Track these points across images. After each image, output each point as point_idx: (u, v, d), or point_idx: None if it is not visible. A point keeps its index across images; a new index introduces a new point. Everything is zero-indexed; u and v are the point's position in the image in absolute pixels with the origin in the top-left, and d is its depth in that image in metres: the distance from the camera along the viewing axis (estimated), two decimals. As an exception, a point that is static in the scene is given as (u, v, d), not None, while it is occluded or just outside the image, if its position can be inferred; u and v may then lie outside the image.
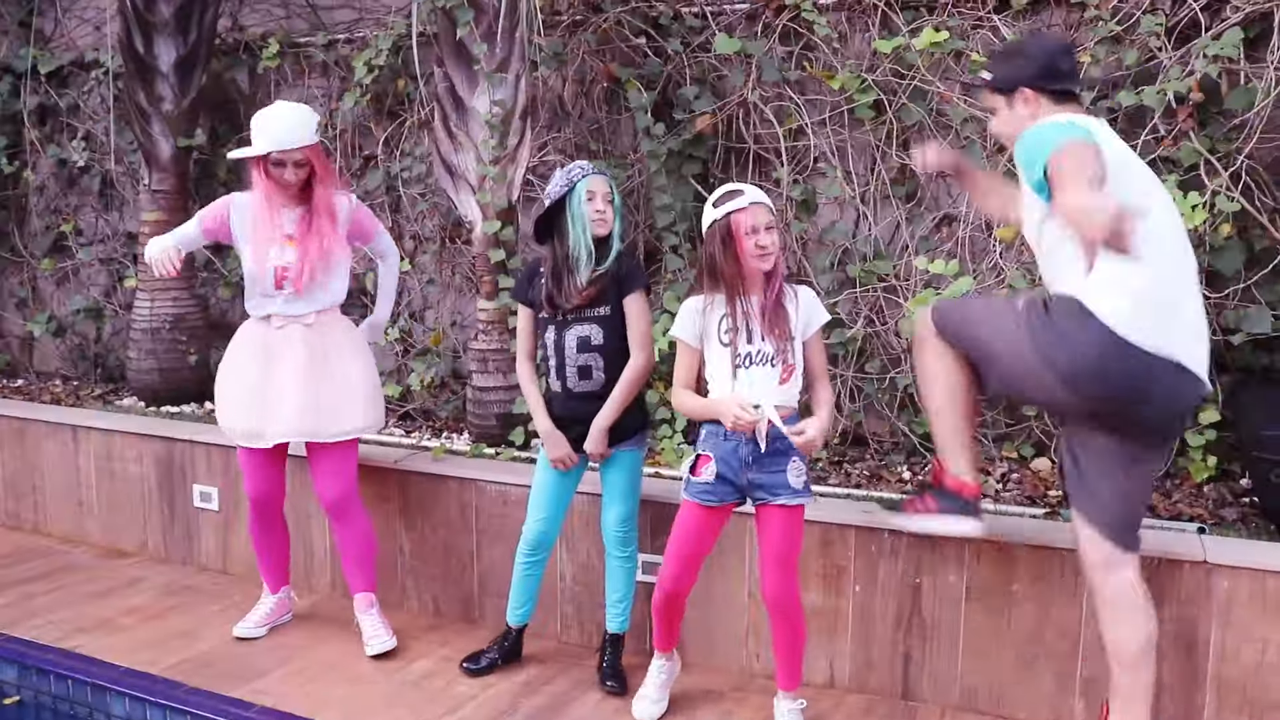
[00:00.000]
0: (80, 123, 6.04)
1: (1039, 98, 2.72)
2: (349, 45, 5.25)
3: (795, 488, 2.85)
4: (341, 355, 3.57)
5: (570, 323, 3.20)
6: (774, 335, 2.83)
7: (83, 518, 4.77)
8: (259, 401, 3.50)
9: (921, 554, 3.19)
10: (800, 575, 3.28)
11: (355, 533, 3.61)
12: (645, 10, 4.52)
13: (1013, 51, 2.88)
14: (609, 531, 3.33)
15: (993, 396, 3.03)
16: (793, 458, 2.84)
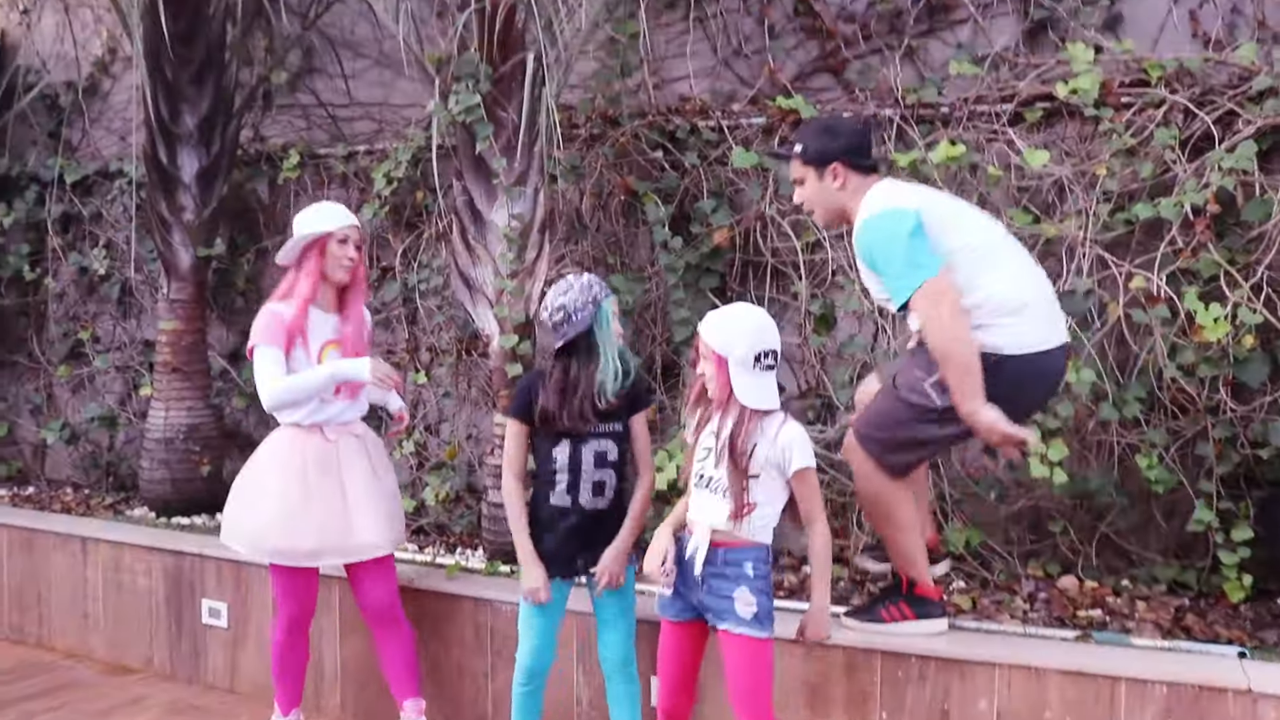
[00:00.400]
0: (102, 231, 6.11)
1: (848, 172, 3.09)
2: (369, 157, 5.31)
3: (742, 617, 2.70)
4: (385, 466, 3.61)
5: (587, 438, 3.13)
6: (730, 470, 2.73)
7: (88, 632, 4.68)
8: (334, 517, 3.42)
9: (950, 680, 3.08)
10: (823, 701, 3.20)
11: (402, 639, 3.54)
12: (662, 124, 4.56)
13: (825, 128, 3.17)
14: (609, 656, 3.21)
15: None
16: (741, 585, 2.71)
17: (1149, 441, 3.69)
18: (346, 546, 3.43)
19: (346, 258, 3.49)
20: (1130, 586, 3.73)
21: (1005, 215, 3.95)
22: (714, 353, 2.76)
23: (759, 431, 2.73)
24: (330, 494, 3.44)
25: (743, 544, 2.75)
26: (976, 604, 3.57)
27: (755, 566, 2.74)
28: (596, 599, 3.24)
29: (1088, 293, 3.74)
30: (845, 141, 3.11)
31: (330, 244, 3.48)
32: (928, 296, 2.87)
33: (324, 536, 3.41)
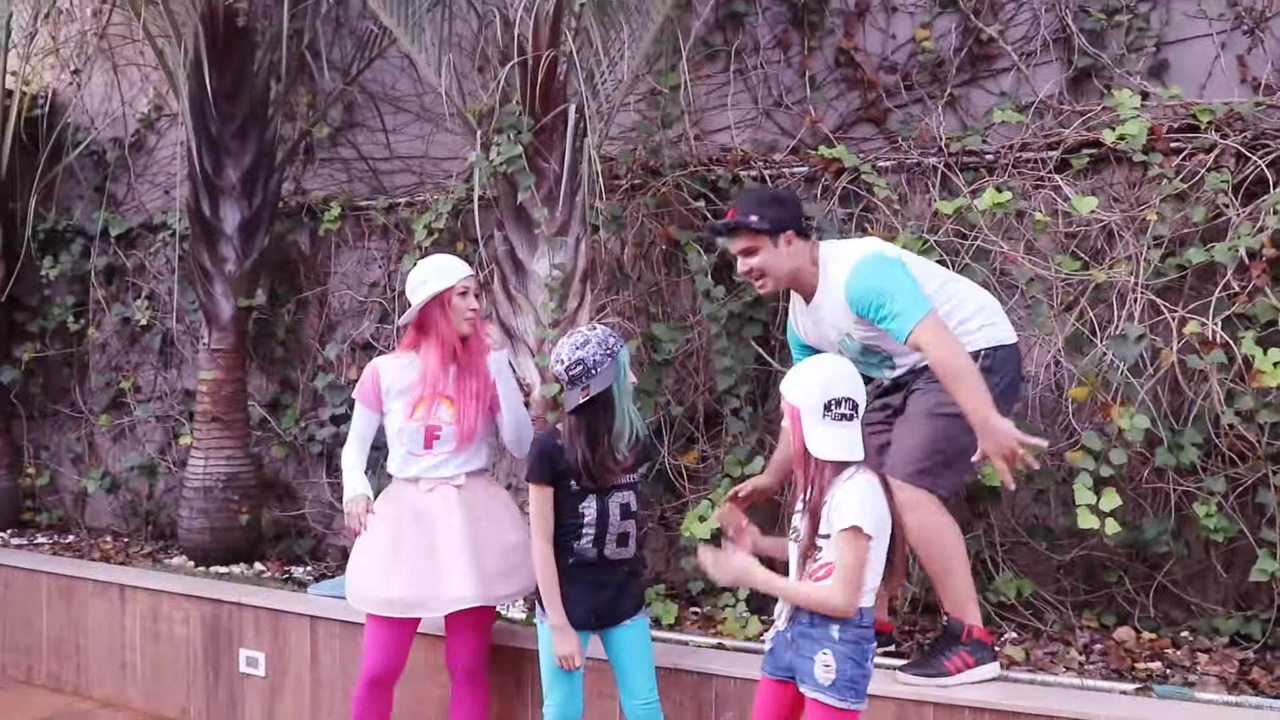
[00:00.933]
0: (145, 282, 6.16)
1: (796, 238, 3.30)
2: (409, 209, 5.33)
3: (820, 682, 2.57)
4: (495, 517, 3.51)
5: (612, 491, 3.14)
6: (806, 523, 2.63)
7: (125, 681, 4.64)
8: (421, 567, 3.37)
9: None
10: (876, 756, 3.10)
11: (479, 700, 3.49)
12: (704, 174, 4.55)
13: (774, 199, 3.38)
14: (632, 708, 3.15)
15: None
16: (825, 648, 2.58)
17: (1207, 489, 3.60)
18: (431, 599, 3.37)
19: (469, 309, 3.49)
20: (1190, 638, 3.61)
21: (1053, 261, 3.90)
22: (789, 405, 2.67)
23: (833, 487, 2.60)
24: (421, 546, 3.39)
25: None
26: (1029, 655, 3.47)
27: (842, 631, 2.59)
28: (614, 654, 3.20)
29: (1140, 338, 3.67)
30: (792, 210, 3.34)
31: (452, 297, 3.47)
32: (933, 327, 3.12)
33: (410, 587, 3.36)
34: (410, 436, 3.45)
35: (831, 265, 3.32)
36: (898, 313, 3.12)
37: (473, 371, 3.51)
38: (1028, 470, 3.09)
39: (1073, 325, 3.86)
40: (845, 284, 3.23)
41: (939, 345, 3.10)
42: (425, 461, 3.46)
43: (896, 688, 3.11)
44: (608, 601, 3.15)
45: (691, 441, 4.49)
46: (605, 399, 3.08)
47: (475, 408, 3.48)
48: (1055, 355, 3.91)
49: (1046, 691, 3.10)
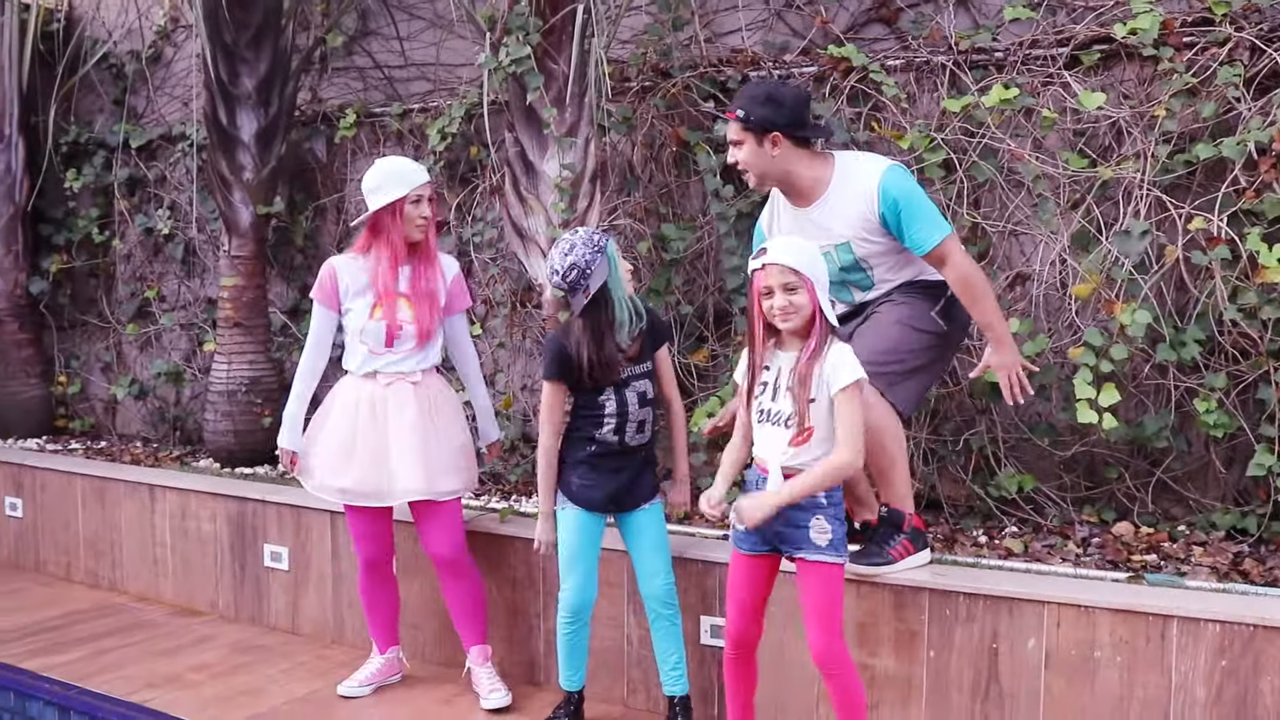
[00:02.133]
0: (166, 193, 6.24)
1: (785, 141, 3.23)
2: (423, 115, 5.35)
3: (818, 544, 2.76)
4: (445, 415, 3.63)
5: (629, 381, 3.26)
6: (792, 395, 2.76)
7: (157, 576, 4.82)
8: (377, 460, 3.50)
9: (998, 618, 3.06)
10: (872, 640, 3.21)
11: (469, 586, 3.62)
12: (713, 75, 4.53)
13: (768, 96, 3.25)
14: (652, 589, 3.30)
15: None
16: (817, 515, 2.76)
17: (1208, 386, 3.62)
18: (383, 491, 3.51)
19: (420, 217, 3.56)
20: (1187, 532, 3.67)
21: (1060, 159, 3.89)
22: (806, 279, 2.74)
23: (824, 355, 2.74)
24: (375, 438, 3.52)
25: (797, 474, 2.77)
26: (1028, 548, 3.54)
27: (829, 495, 2.77)
28: (631, 538, 3.32)
29: (1144, 233, 3.66)
30: (788, 114, 3.25)
31: (405, 207, 3.53)
32: (958, 244, 3.21)
33: (364, 478, 3.51)
34: (373, 335, 3.54)
35: (856, 171, 3.29)
36: (928, 222, 3.17)
37: (425, 273, 3.59)
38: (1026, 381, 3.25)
39: (1079, 222, 3.86)
40: (880, 185, 3.21)
41: (966, 262, 3.19)
42: (386, 359, 3.56)
43: (892, 575, 3.20)
44: (625, 486, 3.30)
45: (701, 340, 4.55)
46: (604, 293, 3.18)
47: (430, 306, 3.58)
48: (1060, 253, 3.92)
49: (1039, 579, 3.18)
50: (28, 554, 5.39)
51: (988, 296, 3.19)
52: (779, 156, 3.27)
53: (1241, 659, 2.78)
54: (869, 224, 3.26)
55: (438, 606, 3.94)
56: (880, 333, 3.28)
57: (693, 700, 3.42)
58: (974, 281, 3.18)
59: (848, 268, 3.37)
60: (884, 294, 3.40)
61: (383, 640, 3.77)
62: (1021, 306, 4.02)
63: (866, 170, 3.26)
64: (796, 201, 3.38)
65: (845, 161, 3.35)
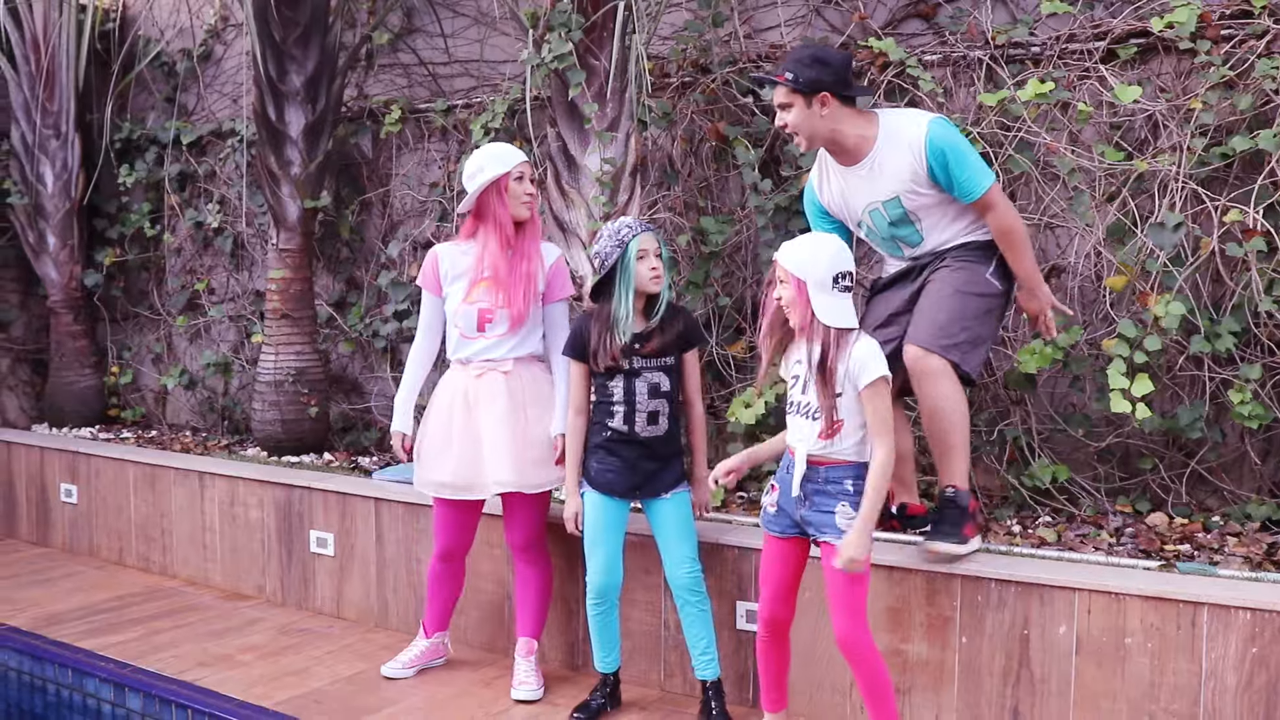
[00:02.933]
0: (216, 188, 6.39)
1: (833, 101, 3.30)
2: (467, 110, 5.45)
3: (843, 529, 2.84)
4: (540, 405, 3.63)
5: (641, 371, 3.37)
6: (820, 390, 2.84)
7: (206, 561, 4.97)
8: (468, 453, 3.58)
9: (1030, 604, 3.11)
10: (904, 626, 3.27)
11: (537, 576, 3.70)
12: (752, 70, 4.60)
13: (814, 58, 3.32)
14: (677, 577, 3.37)
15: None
16: (842, 501, 2.85)
17: (1243, 377, 3.64)
18: (475, 484, 3.58)
19: (525, 194, 3.61)
20: (1221, 524, 3.69)
21: (1096, 152, 3.92)
22: (793, 277, 2.84)
23: (846, 352, 2.82)
24: (468, 431, 3.59)
25: (841, 463, 2.87)
26: (1060, 537, 3.58)
27: (854, 483, 2.86)
28: (656, 526, 3.41)
29: (1178, 225, 3.69)
30: (834, 73, 3.32)
31: (509, 183, 3.59)
32: (1000, 191, 3.33)
33: (459, 472, 3.57)
34: (465, 319, 3.62)
35: (901, 126, 3.35)
36: (974, 169, 3.27)
37: (525, 254, 3.63)
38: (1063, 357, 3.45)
39: (1114, 215, 3.89)
40: (927, 136, 3.28)
41: (1009, 210, 3.33)
42: (478, 344, 3.62)
43: (924, 561, 3.26)
44: (647, 475, 3.39)
45: (739, 332, 4.62)
46: (612, 285, 3.32)
47: (526, 290, 3.59)
48: (1096, 245, 3.95)
49: (1071, 566, 3.22)
50: (82, 539, 5.56)
51: (1027, 246, 3.34)
52: (827, 116, 3.32)
53: (1273, 646, 2.82)
54: (917, 176, 3.32)
55: (481, 595, 4.05)
56: (941, 304, 3.32)
57: (728, 685, 3.50)
58: (1016, 229, 3.31)
59: (897, 222, 3.43)
60: (935, 256, 3.45)
61: (432, 624, 3.86)
62: (1056, 298, 4.04)
63: (912, 124, 3.34)
64: (844, 160, 3.43)
65: (890, 118, 3.41)
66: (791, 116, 3.34)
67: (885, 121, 3.39)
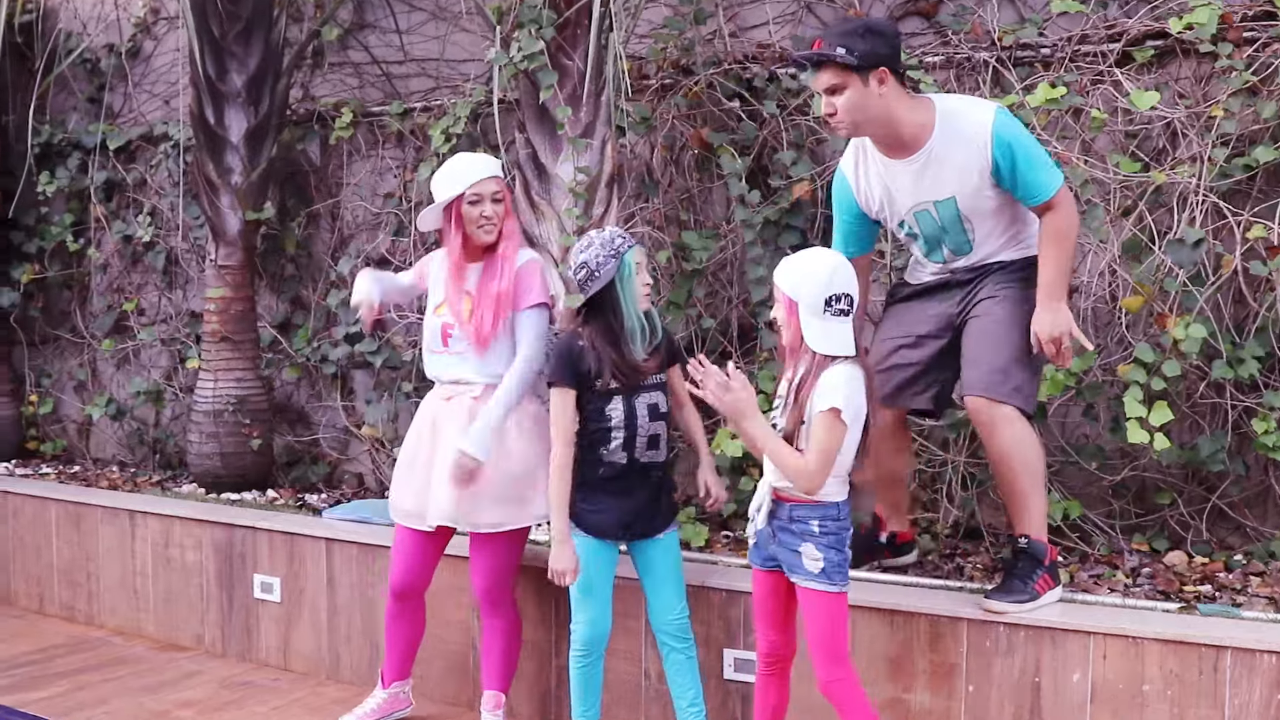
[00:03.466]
0: (146, 198, 6.45)
1: (891, 79, 3.20)
2: (426, 114, 5.55)
3: (810, 571, 2.93)
4: (508, 441, 3.65)
5: (640, 391, 3.43)
6: (789, 417, 2.96)
7: (138, 609, 5.01)
8: (422, 479, 3.70)
9: (1041, 650, 3.22)
10: (907, 674, 3.37)
11: (504, 625, 3.76)
12: (738, 72, 4.73)
13: (867, 28, 3.24)
14: (665, 623, 3.45)
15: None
16: (805, 541, 2.95)
17: (1267, 405, 3.78)
18: (423, 513, 3.69)
19: (481, 217, 3.69)
20: (1244, 562, 3.82)
21: (1110, 162, 4.06)
22: (785, 297, 2.96)
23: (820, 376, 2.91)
24: (426, 457, 3.70)
25: (801, 501, 2.96)
26: (1074, 578, 3.69)
27: (822, 524, 2.95)
28: (644, 568, 3.49)
29: (1198, 242, 3.83)
30: (891, 45, 3.24)
31: (461, 207, 3.70)
32: (1067, 192, 3.27)
33: (416, 497, 3.70)
34: (431, 332, 3.77)
35: (964, 116, 3.29)
36: (1044, 167, 3.24)
37: (498, 273, 3.70)
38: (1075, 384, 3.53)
39: (1130, 231, 4.03)
40: (994, 125, 3.22)
41: (1073, 213, 3.30)
42: (442, 360, 3.75)
43: (928, 604, 3.37)
44: (639, 511, 3.44)
45: (724, 356, 4.73)
46: (611, 300, 3.38)
47: (495, 310, 3.66)
48: (1110, 263, 4.09)
49: (1084, 609, 3.33)
50: (-3, 585, 5.60)
51: (1067, 255, 3.28)
52: (884, 96, 3.22)
53: (1297, 691, 2.94)
54: (982, 174, 3.28)
55: (446, 644, 4.12)
56: (999, 346, 3.33)
57: (715, 739, 3.59)
58: (1072, 235, 3.28)
59: (949, 226, 3.43)
60: (975, 273, 3.47)
61: (391, 672, 3.92)
62: (1069, 321, 4.18)
63: (976, 114, 3.27)
64: (894, 153, 3.36)
65: (949, 105, 3.33)
66: (846, 100, 3.21)
67: (944, 109, 3.30)
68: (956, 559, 4.02)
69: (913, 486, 4.24)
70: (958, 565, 3.94)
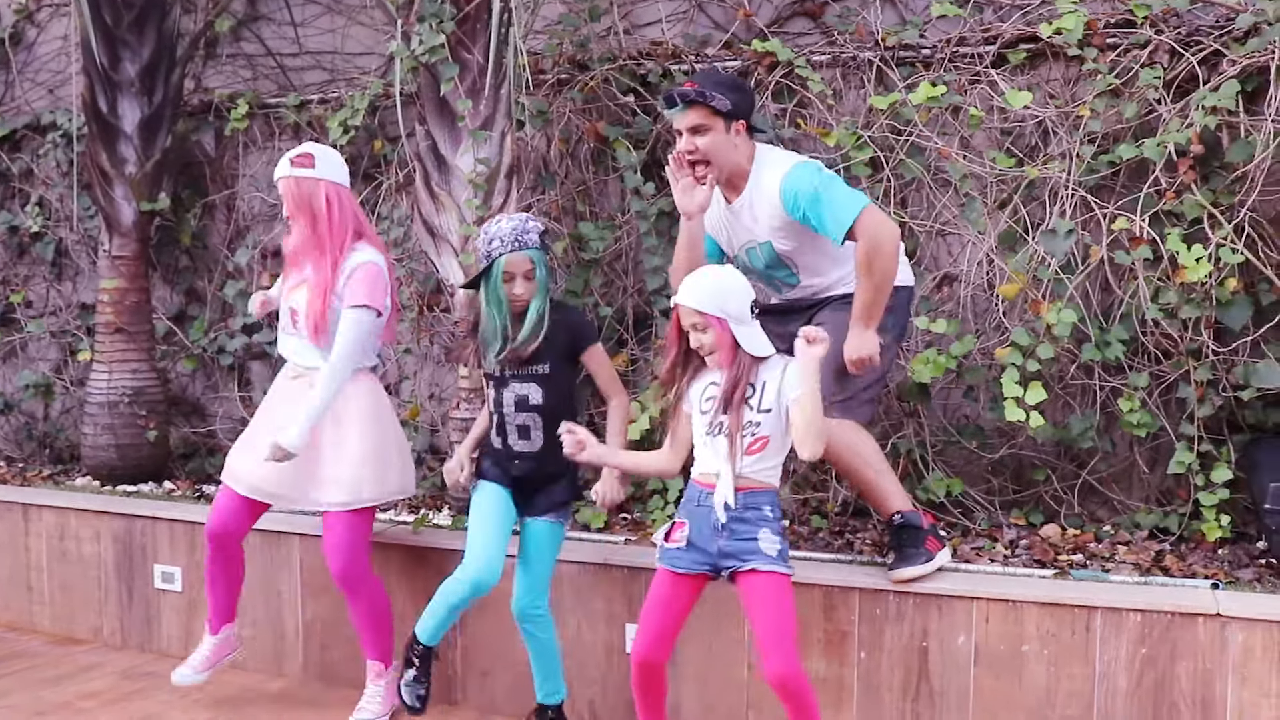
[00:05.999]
0: (34, 188, 6.32)
1: (744, 131, 3.55)
2: (322, 106, 5.55)
3: (768, 554, 3.02)
4: (345, 422, 3.77)
5: (508, 380, 3.53)
6: (734, 413, 3.04)
7: (32, 603, 4.93)
8: (252, 447, 3.78)
9: (929, 616, 3.40)
10: (803, 644, 3.51)
11: (365, 605, 3.82)
12: (633, 68, 4.84)
13: (737, 85, 3.59)
14: (514, 604, 3.55)
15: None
16: (763, 527, 3.04)
17: (1132, 385, 4.02)
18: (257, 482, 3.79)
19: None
20: (1112, 533, 4.07)
21: (987, 158, 4.28)
22: (712, 317, 3.04)
23: (763, 373, 3.06)
24: (269, 429, 3.75)
25: (758, 488, 3.06)
26: (956, 551, 3.88)
27: (771, 509, 3.07)
28: (521, 538, 3.60)
29: (1069, 232, 4.05)
30: (750, 101, 3.60)
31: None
32: (875, 216, 3.39)
33: (250, 467, 3.78)
34: (283, 312, 3.89)
35: (765, 168, 3.57)
36: (837, 205, 3.38)
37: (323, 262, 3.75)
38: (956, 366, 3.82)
39: (1006, 222, 4.25)
40: (781, 182, 3.49)
41: (879, 236, 3.36)
42: (291, 341, 3.87)
43: (822, 575, 3.53)
44: (522, 492, 3.57)
45: (621, 344, 4.84)
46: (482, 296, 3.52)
47: (322, 298, 3.71)
48: (988, 253, 4.30)
49: (968, 577, 3.52)
50: (-121, 584, 5.44)
51: (887, 280, 3.39)
52: (737, 147, 3.54)
53: (1160, 646, 3.17)
54: (784, 222, 3.54)
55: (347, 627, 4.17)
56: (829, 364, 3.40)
57: (619, 713, 3.71)
58: (885, 262, 3.37)
59: (771, 265, 3.69)
60: (817, 303, 3.71)
61: (216, 620, 3.97)
62: (949, 307, 4.39)
63: (772, 172, 3.54)
64: (729, 194, 3.67)
65: (762, 158, 3.61)
66: (708, 141, 3.49)
67: (756, 161, 3.60)
68: (846, 535, 4.19)
69: (803, 469, 4.41)
70: (848, 540, 4.11)
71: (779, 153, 3.70)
